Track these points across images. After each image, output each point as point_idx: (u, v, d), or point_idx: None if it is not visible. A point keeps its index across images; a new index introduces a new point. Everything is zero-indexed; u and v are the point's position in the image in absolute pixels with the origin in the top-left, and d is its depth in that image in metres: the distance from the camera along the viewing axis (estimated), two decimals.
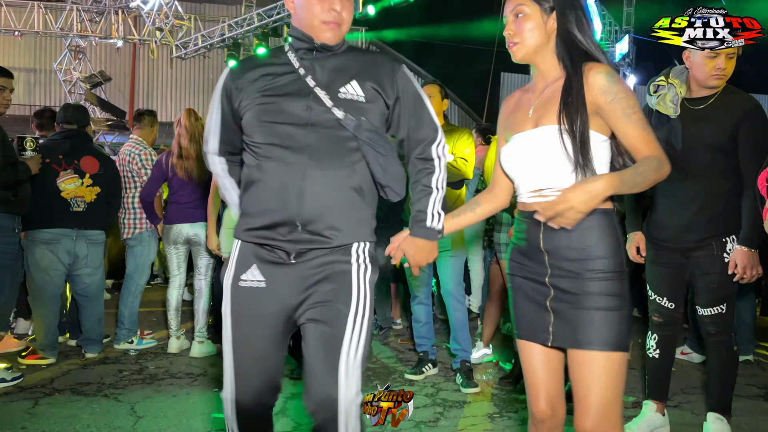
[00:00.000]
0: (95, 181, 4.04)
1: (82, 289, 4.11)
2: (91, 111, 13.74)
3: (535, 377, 1.78)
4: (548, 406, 1.77)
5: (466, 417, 3.19)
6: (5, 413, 3.10)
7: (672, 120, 2.73)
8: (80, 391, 3.45)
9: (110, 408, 3.20)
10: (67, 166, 3.96)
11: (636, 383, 3.68)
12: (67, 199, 3.96)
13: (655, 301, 2.91)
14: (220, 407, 3.23)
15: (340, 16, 1.76)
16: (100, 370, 3.87)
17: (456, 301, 3.70)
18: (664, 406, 2.96)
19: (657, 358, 2.94)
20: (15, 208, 3.57)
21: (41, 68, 17.97)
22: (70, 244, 3.97)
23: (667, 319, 2.90)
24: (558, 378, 1.79)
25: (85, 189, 4.01)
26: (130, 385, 3.58)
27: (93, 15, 16.79)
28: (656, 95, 2.77)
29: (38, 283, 3.99)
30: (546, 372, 1.77)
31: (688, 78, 2.75)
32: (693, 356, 4.19)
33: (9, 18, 15.97)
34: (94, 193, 4.04)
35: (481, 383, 3.66)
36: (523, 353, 1.81)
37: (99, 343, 4.19)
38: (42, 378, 3.67)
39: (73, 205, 3.97)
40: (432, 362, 3.86)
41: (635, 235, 2.96)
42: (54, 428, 2.92)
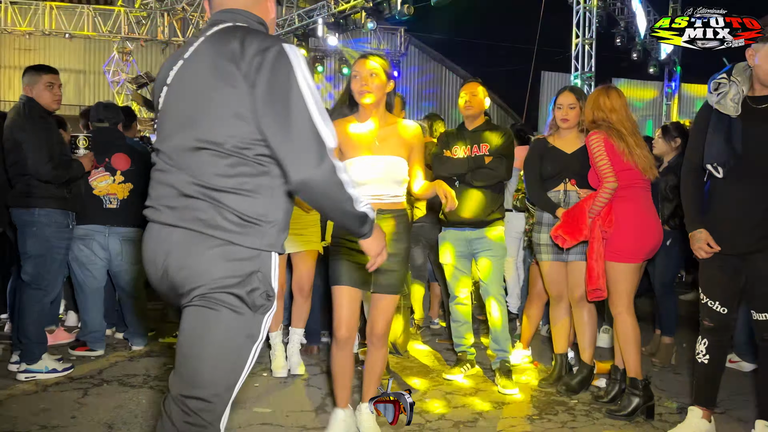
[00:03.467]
0: (127, 177, 4.11)
1: (121, 285, 4.22)
2: (137, 111, 14.11)
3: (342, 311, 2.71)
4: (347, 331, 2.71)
5: (505, 418, 3.17)
6: (56, 402, 3.22)
7: (733, 119, 2.65)
8: (127, 382, 3.56)
9: (156, 399, 3.28)
10: (98, 164, 4.01)
11: (681, 388, 3.60)
12: (99, 196, 4.05)
13: (707, 305, 2.83)
14: (261, 401, 3.29)
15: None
16: (146, 362, 3.97)
17: (496, 301, 3.67)
18: (711, 413, 2.89)
19: (706, 364, 2.86)
20: (69, 204, 3.68)
21: (90, 70, 18.52)
22: (103, 240, 4.07)
23: (719, 324, 2.82)
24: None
25: (117, 186, 4.09)
26: None
27: (140, 18, 17.25)
28: (717, 93, 2.70)
29: (79, 277, 4.12)
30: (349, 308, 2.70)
31: (751, 76, 2.66)
32: (742, 364, 4.06)
33: (60, 21, 16.55)
34: (127, 190, 4.11)
35: (520, 384, 3.62)
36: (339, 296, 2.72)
37: (144, 336, 4.30)
38: (91, 369, 3.80)
39: (105, 203, 4.06)
40: (471, 363, 3.85)
41: (701, 233, 2.79)
42: (102, 417, 3.02)
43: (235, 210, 1.55)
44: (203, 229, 1.55)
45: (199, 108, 1.58)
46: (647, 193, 3.28)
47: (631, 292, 3.23)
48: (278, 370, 3.68)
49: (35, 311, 3.59)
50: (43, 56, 17.32)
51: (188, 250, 1.57)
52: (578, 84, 11.87)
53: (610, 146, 3.17)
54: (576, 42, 12.73)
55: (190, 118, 1.60)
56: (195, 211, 1.56)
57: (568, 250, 3.45)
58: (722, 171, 2.69)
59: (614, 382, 3.37)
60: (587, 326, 3.52)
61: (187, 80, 1.64)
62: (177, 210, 1.58)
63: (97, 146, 3.93)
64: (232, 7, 1.71)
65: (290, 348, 3.77)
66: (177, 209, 1.58)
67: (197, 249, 1.56)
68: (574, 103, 3.53)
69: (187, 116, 1.61)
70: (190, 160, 1.58)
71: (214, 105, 1.56)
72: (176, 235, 1.58)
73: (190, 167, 1.58)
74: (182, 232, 1.57)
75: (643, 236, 3.19)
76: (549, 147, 3.57)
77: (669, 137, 4.30)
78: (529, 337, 4.14)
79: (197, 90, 1.60)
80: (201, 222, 1.55)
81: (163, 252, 1.61)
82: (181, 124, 1.61)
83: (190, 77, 1.63)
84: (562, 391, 3.52)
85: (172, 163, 1.61)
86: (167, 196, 1.61)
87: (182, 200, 1.58)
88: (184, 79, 1.64)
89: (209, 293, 1.55)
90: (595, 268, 3.22)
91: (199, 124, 1.58)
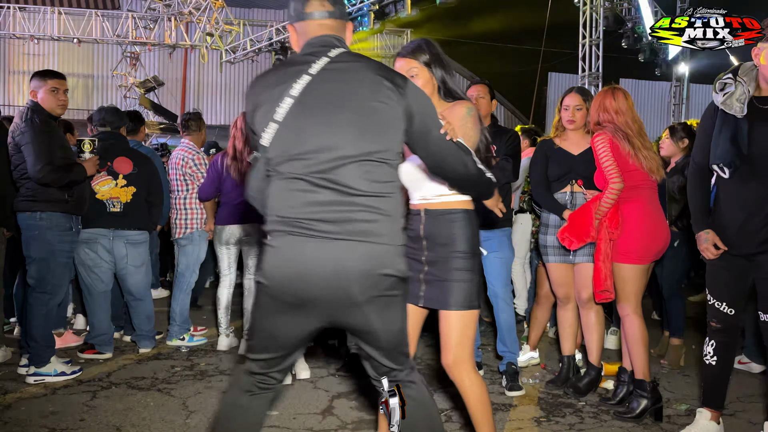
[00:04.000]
0: (129, 181, 4.13)
1: (127, 288, 4.24)
2: (145, 115, 14.19)
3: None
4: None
5: (512, 420, 3.16)
6: (65, 405, 3.24)
7: (739, 119, 2.64)
8: (135, 385, 3.58)
9: (163, 402, 3.30)
10: (100, 168, 4.02)
11: (689, 390, 3.58)
12: (102, 200, 4.08)
13: (714, 306, 2.82)
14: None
15: None
16: (154, 365, 3.99)
17: (503, 302, 3.66)
18: (719, 414, 2.87)
19: (714, 365, 2.84)
20: (72, 208, 3.70)
21: (98, 74, 18.66)
22: (108, 244, 4.09)
23: (726, 326, 2.80)
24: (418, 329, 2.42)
25: (120, 190, 4.11)
26: (182, 380, 3.68)
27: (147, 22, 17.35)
28: (723, 93, 2.68)
29: (86, 281, 4.14)
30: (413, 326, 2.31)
31: (758, 75, 2.65)
32: (752, 365, 4.04)
33: (68, 26, 16.66)
34: (130, 194, 4.13)
35: (527, 386, 3.61)
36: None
37: (151, 339, 4.33)
38: (99, 372, 3.82)
39: (109, 206, 4.08)
40: (477, 364, 3.83)
41: (707, 233, 2.78)
42: (111, 420, 3.04)
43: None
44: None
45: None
46: (654, 194, 3.26)
47: (638, 293, 3.22)
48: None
49: (41, 314, 3.61)
50: (51, 61, 17.47)
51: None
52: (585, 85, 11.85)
53: (616, 147, 3.16)
54: (583, 43, 12.71)
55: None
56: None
57: (575, 252, 3.44)
58: (728, 172, 2.68)
59: (622, 384, 3.36)
60: (595, 328, 3.51)
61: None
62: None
63: (100, 150, 3.94)
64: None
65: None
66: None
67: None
68: (580, 105, 3.52)
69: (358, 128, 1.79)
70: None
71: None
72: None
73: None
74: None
75: (650, 237, 3.18)
76: (555, 148, 3.57)
77: (677, 137, 4.28)
78: (536, 338, 4.13)
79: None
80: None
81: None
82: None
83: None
84: (569, 392, 3.51)
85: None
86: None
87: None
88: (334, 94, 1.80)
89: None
90: (602, 269, 3.21)
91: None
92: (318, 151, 1.74)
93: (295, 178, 1.75)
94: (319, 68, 1.78)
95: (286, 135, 1.76)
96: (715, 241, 2.74)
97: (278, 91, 1.78)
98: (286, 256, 1.75)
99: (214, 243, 4.46)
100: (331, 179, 1.73)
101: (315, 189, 1.74)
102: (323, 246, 1.72)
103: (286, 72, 1.82)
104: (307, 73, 1.78)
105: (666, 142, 4.34)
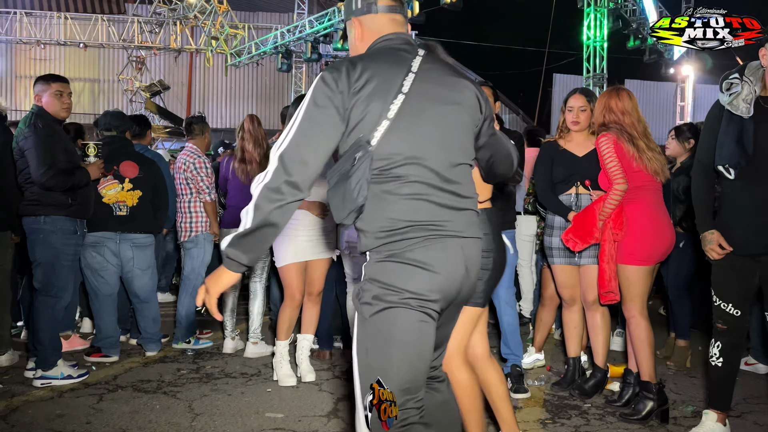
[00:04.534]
0: (135, 184, 4.15)
1: (133, 290, 4.26)
2: (151, 119, 14.25)
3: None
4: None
5: (518, 423, 3.15)
6: (72, 408, 3.25)
7: (745, 120, 2.63)
8: (141, 388, 3.59)
9: (169, 405, 3.31)
10: (106, 172, 4.04)
11: (696, 392, 3.56)
12: (109, 204, 4.09)
13: (720, 307, 2.81)
14: (273, 406, 3.30)
15: None
16: (160, 368, 4.01)
17: (507, 305, 3.66)
18: (726, 416, 2.85)
19: (720, 367, 2.83)
20: (76, 211, 3.71)
21: (105, 78, 18.76)
22: (114, 247, 4.11)
23: (732, 327, 2.79)
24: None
25: (126, 193, 4.13)
26: (188, 383, 3.70)
27: (153, 26, 17.43)
28: (729, 93, 2.67)
29: (93, 284, 4.16)
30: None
31: (764, 75, 2.64)
32: (758, 367, 4.02)
33: (74, 31, 16.77)
34: (136, 197, 4.15)
35: (532, 388, 3.61)
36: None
37: (157, 342, 4.34)
38: (106, 375, 3.83)
39: (115, 210, 4.10)
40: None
41: (712, 234, 2.77)
42: (117, 423, 3.05)
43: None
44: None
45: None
46: (659, 195, 3.25)
47: (644, 295, 3.21)
48: (286, 380, 3.64)
49: (47, 318, 3.63)
50: (57, 66, 17.58)
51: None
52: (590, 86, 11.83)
53: (620, 148, 3.15)
54: (587, 44, 12.69)
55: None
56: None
57: (580, 254, 3.43)
58: (734, 172, 2.67)
59: (628, 386, 3.34)
60: (600, 330, 3.50)
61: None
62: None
63: (105, 154, 3.95)
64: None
65: (300, 355, 3.76)
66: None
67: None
68: (584, 106, 3.51)
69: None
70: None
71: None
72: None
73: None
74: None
75: (655, 239, 3.17)
76: (560, 150, 3.56)
77: (682, 138, 4.27)
78: (541, 340, 4.12)
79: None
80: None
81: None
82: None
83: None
84: (575, 394, 3.50)
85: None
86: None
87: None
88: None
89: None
90: (607, 270, 3.20)
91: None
92: (435, 154, 1.73)
93: (418, 182, 1.70)
94: (417, 67, 1.75)
95: (400, 135, 1.69)
96: (720, 242, 2.73)
97: (388, 86, 1.70)
98: (450, 257, 1.72)
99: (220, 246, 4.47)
100: (450, 180, 1.74)
101: (437, 193, 1.72)
102: (458, 243, 1.76)
103: (390, 68, 1.73)
104: (411, 70, 1.73)
105: (672, 142, 4.33)
